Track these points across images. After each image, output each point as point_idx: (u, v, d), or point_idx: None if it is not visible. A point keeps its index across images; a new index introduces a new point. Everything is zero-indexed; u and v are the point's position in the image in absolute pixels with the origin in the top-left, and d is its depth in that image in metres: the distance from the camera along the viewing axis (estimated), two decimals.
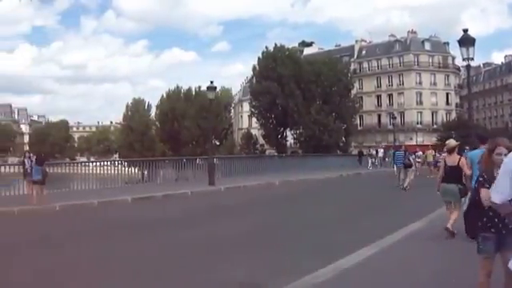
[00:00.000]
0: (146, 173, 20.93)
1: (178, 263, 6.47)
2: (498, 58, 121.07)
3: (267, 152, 52.33)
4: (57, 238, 8.53)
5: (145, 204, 13.97)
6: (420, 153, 30.20)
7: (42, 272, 6.07)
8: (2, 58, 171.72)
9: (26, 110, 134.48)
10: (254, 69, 51.86)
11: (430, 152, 27.81)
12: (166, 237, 8.53)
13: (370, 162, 37.09)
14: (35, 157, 14.94)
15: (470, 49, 12.37)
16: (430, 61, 67.10)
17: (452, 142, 7.99)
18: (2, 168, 19.86)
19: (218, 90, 38.67)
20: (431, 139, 54.29)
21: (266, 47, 51.46)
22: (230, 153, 46.44)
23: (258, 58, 51.32)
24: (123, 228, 9.58)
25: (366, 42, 73.08)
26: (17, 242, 8.22)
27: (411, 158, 19.16)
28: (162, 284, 5.56)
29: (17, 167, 16.97)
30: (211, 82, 20.46)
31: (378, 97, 69.41)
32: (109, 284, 5.63)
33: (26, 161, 15.26)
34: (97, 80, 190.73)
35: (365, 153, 42.24)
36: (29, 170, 14.36)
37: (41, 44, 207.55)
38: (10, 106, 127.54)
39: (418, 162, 25.57)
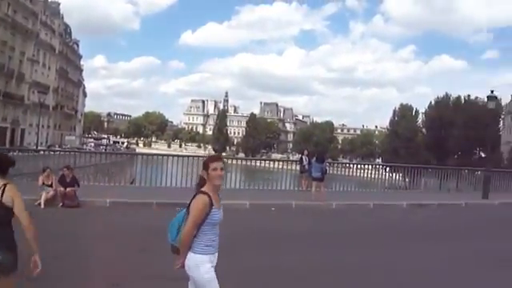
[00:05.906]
0: (407, 180, 20.12)
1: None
2: None
3: None
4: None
5: (423, 211, 13.82)
6: None
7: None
8: (273, 59, 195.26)
9: (291, 109, 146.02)
10: None
11: None
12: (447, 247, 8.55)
13: None
14: (315, 155, 15.64)
15: None
16: None
17: None
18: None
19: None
20: None
21: None
22: (496, 167, 42.22)
23: None
24: (409, 233, 10.00)
25: None
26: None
27: None
28: None
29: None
30: (491, 92, 19.52)
31: None
32: None
33: (303, 158, 16.41)
34: (364, 84, 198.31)
35: None
36: (307, 167, 15.25)
37: (309, 47, 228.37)
38: (277, 105, 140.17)
39: None
